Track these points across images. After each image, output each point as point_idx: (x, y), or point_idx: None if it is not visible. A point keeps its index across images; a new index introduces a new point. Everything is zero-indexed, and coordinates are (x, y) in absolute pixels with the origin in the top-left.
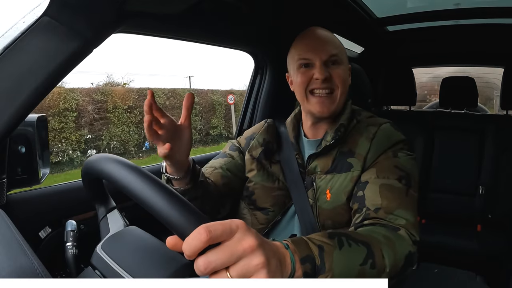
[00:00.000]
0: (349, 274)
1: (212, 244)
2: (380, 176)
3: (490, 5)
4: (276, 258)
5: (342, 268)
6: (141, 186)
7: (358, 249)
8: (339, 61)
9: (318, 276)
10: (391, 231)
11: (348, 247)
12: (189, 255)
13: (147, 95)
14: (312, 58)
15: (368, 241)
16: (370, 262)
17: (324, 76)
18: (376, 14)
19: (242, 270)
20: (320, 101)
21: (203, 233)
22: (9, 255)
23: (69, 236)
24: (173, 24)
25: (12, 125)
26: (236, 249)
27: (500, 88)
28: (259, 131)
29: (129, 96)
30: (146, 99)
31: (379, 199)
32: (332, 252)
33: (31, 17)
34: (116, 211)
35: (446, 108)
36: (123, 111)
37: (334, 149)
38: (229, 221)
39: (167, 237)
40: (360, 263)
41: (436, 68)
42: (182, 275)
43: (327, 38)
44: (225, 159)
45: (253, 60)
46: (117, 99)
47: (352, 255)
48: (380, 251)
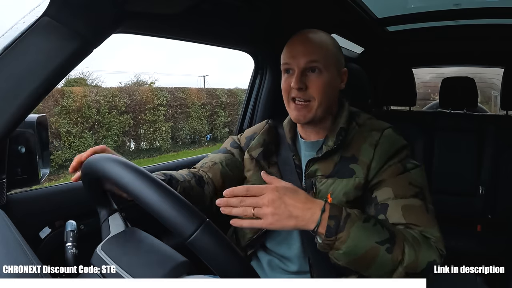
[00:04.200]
0: (363, 243)
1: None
2: (398, 196)
3: (490, 6)
4: (288, 216)
5: (358, 236)
6: (140, 186)
7: (381, 231)
8: (320, 68)
9: (338, 233)
10: (422, 237)
11: (372, 225)
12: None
13: (212, 93)
14: (292, 64)
15: (395, 232)
16: (387, 246)
17: (298, 86)
18: (376, 15)
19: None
20: (297, 109)
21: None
22: (9, 255)
23: (69, 236)
24: (173, 24)
25: (12, 125)
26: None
27: (499, 88)
28: (260, 132)
29: (201, 95)
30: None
31: (404, 221)
32: (356, 221)
33: (31, 17)
34: (118, 214)
35: (446, 109)
36: (198, 107)
37: (335, 153)
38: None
39: (166, 237)
40: (376, 241)
41: (439, 67)
42: (180, 274)
43: (310, 43)
44: (225, 155)
45: (253, 60)
46: (193, 97)
47: (373, 232)
48: (403, 245)
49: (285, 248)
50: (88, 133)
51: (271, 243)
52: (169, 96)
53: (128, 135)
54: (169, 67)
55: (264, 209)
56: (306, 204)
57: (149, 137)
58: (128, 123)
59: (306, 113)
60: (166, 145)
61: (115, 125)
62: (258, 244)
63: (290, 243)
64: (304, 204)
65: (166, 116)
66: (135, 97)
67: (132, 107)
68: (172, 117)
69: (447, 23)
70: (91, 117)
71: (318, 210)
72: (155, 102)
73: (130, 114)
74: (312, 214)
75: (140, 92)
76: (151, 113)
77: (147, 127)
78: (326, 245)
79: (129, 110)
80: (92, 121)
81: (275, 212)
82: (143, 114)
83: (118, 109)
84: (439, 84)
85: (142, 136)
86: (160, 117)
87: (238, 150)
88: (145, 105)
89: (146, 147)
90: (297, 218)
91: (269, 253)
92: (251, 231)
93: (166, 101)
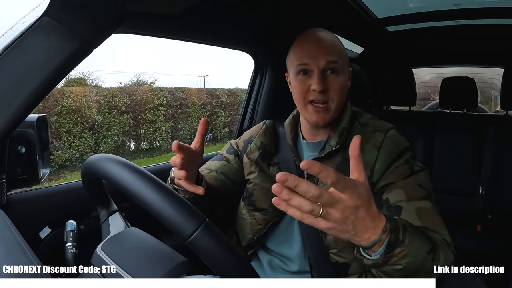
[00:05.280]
0: (420, 256)
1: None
2: (410, 199)
3: (490, 6)
4: (350, 229)
5: (417, 248)
6: (140, 186)
7: (426, 239)
8: (338, 69)
9: (396, 247)
10: (443, 241)
11: (420, 234)
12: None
13: (213, 93)
14: (310, 64)
15: (432, 239)
16: (432, 256)
17: (321, 88)
18: (376, 15)
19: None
20: (316, 112)
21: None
22: (9, 255)
23: (69, 236)
24: (173, 24)
25: (12, 125)
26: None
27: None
28: (257, 134)
29: (201, 95)
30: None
31: (420, 223)
32: (412, 232)
33: (31, 17)
34: (118, 214)
35: (446, 109)
36: (198, 107)
37: (338, 153)
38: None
39: (166, 237)
40: (427, 252)
41: (439, 67)
42: (180, 274)
43: (327, 42)
44: (220, 162)
45: (253, 60)
46: (193, 97)
47: (422, 243)
48: (440, 252)
49: (286, 248)
50: (88, 133)
51: (271, 243)
52: (169, 96)
53: (128, 135)
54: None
55: (334, 214)
56: (373, 221)
57: (149, 137)
58: (128, 123)
59: (325, 116)
60: (166, 145)
61: (115, 125)
62: (258, 244)
63: (291, 243)
64: (371, 222)
65: (166, 116)
66: (135, 97)
67: (132, 107)
68: (172, 117)
69: (447, 23)
70: (91, 117)
71: (379, 230)
72: (155, 102)
73: (130, 114)
74: (371, 235)
75: (140, 92)
76: (151, 113)
77: (147, 127)
78: (382, 261)
79: (129, 110)
80: (92, 121)
81: (342, 221)
82: (143, 114)
83: (118, 109)
84: (439, 84)
85: (142, 136)
86: (160, 117)
87: (234, 155)
88: (145, 105)
89: (146, 147)
90: (355, 235)
91: (269, 253)
92: (251, 231)
93: (166, 101)
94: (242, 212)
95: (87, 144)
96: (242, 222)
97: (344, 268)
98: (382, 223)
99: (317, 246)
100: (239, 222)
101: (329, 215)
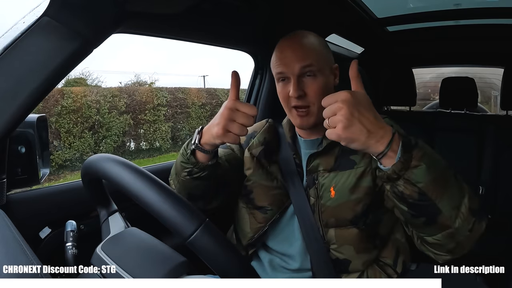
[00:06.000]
0: (438, 162)
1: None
2: None
3: (490, 6)
4: (360, 128)
5: (432, 153)
6: (140, 186)
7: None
8: (314, 71)
9: (413, 149)
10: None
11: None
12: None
13: (213, 93)
14: (286, 72)
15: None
16: (454, 172)
17: (297, 94)
18: (376, 15)
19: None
20: (300, 117)
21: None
22: (9, 255)
23: (69, 236)
24: (173, 24)
25: (12, 125)
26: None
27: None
28: (260, 130)
29: (201, 95)
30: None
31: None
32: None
33: (31, 17)
34: (118, 214)
35: (446, 109)
36: (198, 107)
37: (336, 147)
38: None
39: (166, 237)
40: (446, 165)
41: (439, 67)
42: (180, 274)
43: (301, 47)
44: (225, 150)
45: (253, 60)
46: (193, 97)
47: (438, 156)
48: (461, 178)
49: (287, 246)
50: (88, 133)
51: (272, 242)
52: (169, 96)
53: (128, 135)
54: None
55: (338, 116)
56: (378, 122)
57: (149, 137)
58: (128, 123)
59: (309, 119)
60: (166, 145)
61: (115, 125)
62: (259, 243)
63: (292, 240)
64: (376, 121)
65: (166, 116)
66: (135, 97)
67: (132, 107)
68: (172, 117)
69: (447, 23)
70: (91, 117)
71: (389, 131)
72: (155, 102)
73: (130, 114)
74: (384, 134)
75: (140, 92)
76: (151, 113)
77: (147, 127)
78: (402, 164)
79: (129, 110)
80: (92, 121)
81: (348, 118)
82: (143, 114)
83: (118, 109)
84: (439, 84)
85: (142, 136)
86: (160, 117)
87: (238, 146)
88: (145, 105)
89: (146, 147)
90: (370, 133)
91: (270, 252)
92: (252, 230)
93: (166, 101)
94: (241, 212)
95: (87, 144)
96: (241, 221)
97: (344, 264)
98: (389, 126)
99: (317, 243)
100: (239, 221)
101: (335, 118)
